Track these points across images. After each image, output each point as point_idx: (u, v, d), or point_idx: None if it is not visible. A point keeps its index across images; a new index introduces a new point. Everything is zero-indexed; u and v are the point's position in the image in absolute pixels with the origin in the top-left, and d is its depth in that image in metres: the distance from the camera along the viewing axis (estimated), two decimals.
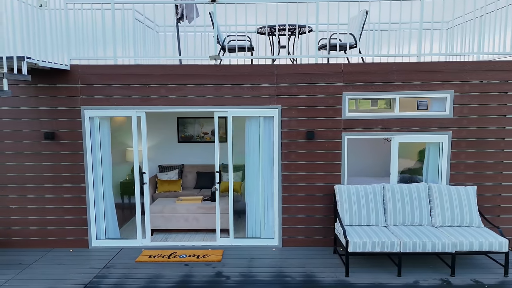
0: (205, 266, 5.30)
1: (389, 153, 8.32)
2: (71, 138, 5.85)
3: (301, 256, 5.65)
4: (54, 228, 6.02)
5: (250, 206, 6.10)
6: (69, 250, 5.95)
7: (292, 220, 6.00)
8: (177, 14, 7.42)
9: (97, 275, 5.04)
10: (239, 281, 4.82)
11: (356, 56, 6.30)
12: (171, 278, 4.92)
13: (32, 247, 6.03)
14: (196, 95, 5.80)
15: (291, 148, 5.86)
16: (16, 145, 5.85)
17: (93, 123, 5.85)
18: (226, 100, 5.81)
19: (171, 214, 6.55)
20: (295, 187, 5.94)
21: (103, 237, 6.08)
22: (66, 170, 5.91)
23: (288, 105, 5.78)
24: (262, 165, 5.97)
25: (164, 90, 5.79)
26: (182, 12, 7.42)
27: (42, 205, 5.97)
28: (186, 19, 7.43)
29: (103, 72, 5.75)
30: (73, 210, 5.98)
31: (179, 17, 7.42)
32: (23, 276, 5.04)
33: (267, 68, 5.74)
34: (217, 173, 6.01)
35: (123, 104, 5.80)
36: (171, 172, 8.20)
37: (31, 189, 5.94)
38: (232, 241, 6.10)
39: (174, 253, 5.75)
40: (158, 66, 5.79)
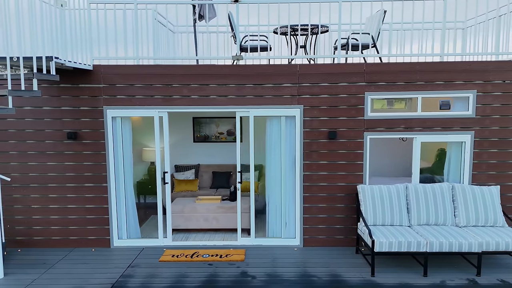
0: (229, 266, 5.30)
1: (404, 153, 8.36)
2: (93, 138, 5.87)
3: (323, 256, 5.65)
4: (76, 227, 6.04)
5: (271, 206, 6.10)
6: (91, 250, 5.96)
7: (313, 220, 6.00)
8: (195, 14, 7.44)
9: (123, 274, 5.05)
10: (265, 281, 4.82)
11: (373, 56, 6.27)
12: (196, 278, 4.93)
13: (53, 246, 6.05)
14: (218, 95, 5.81)
15: (312, 148, 5.86)
16: (39, 145, 5.87)
17: (115, 123, 5.87)
18: (248, 100, 5.81)
19: (191, 214, 6.56)
20: (317, 187, 5.94)
21: (125, 237, 6.10)
22: (88, 170, 5.92)
23: (310, 104, 5.78)
24: (283, 165, 5.97)
25: (186, 90, 5.80)
26: (200, 12, 7.46)
27: (64, 204, 5.99)
28: (203, 19, 7.47)
29: (126, 72, 5.77)
30: (95, 210, 6.00)
31: (196, 17, 7.44)
32: (49, 275, 5.05)
33: (289, 68, 5.74)
34: (238, 173, 6.01)
35: (146, 104, 5.82)
36: (187, 172, 8.22)
37: (53, 189, 5.96)
38: (253, 241, 6.10)
39: (196, 252, 5.76)
40: (180, 66, 5.80)
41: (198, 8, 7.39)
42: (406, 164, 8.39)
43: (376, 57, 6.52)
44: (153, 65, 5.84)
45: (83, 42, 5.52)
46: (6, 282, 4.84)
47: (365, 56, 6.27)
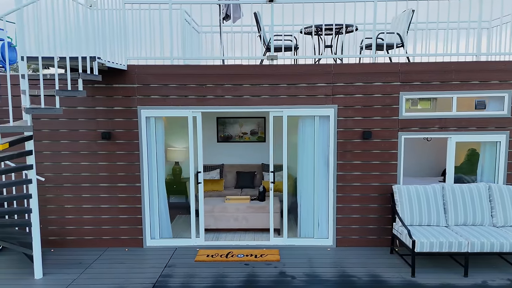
0: (266, 266, 5.30)
1: (429, 152, 8.34)
2: (127, 138, 5.88)
3: (358, 256, 5.63)
4: (109, 227, 6.04)
5: (303, 206, 6.09)
6: (124, 250, 5.97)
7: (346, 220, 5.99)
8: (222, 13, 7.44)
9: (162, 274, 5.05)
10: (305, 281, 4.82)
11: (401, 56, 6.23)
12: (236, 278, 4.92)
13: (86, 246, 6.06)
14: (251, 95, 5.81)
15: (346, 148, 5.85)
16: (72, 145, 5.88)
17: (149, 123, 5.88)
18: (281, 100, 5.80)
19: (221, 214, 6.56)
20: (350, 187, 5.93)
21: (157, 237, 6.10)
22: (122, 170, 5.93)
23: (344, 104, 5.77)
24: (316, 165, 5.96)
25: (220, 90, 5.80)
26: (227, 12, 7.47)
27: (97, 204, 6.00)
28: (229, 19, 7.47)
29: (160, 72, 5.77)
30: (128, 210, 6.01)
31: (223, 17, 7.45)
32: (88, 275, 5.06)
33: (323, 68, 5.73)
34: (271, 173, 6.01)
35: (179, 104, 5.82)
36: (213, 172, 8.22)
37: (86, 189, 5.97)
38: (286, 241, 6.09)
39: (230, 252, 5.76)
40: (214, 66, 5.81)
41: (225, 8, 7.40)
42: (431, 164, 8.38)
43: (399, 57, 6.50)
44: (187, 65, 5.84)
45: (117, 42, 5.53)
46: (46, 282, 4.85)
47: (390, 56, 6.22)
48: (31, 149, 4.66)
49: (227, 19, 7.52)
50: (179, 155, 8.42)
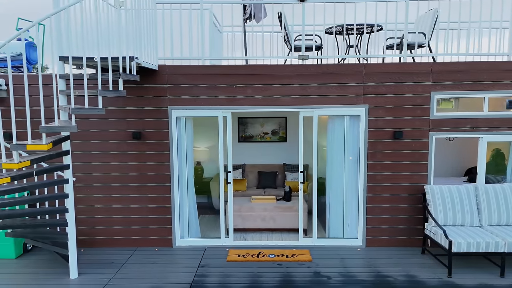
0: (299, 266, 5.29)
1: (452, 153, 8.32)
2: (157, 138, 5.88)
3: (390, 256, 5.62)
4: (138, 227, 6.05)
5: (332, 206, 6.08)
6: (154, 250, 5.97)
7: (376, 220, 5.98)
8: (245, 14, 7.44)
9: (196, 274, 5.05)
10: (342, 281, 4.81)
11: (426, 56, 6.20)
12: (271, 278, 4.92)
13: (115, 246, 6.07)
14: (281, 95, 5.80)
15: (377, 147, 5.84)
16: (103, 145, 5.89)
17: (180, 123, 5.88)
18: (312, 100, 5.80)
19: (248, 214, 6.56)
20: (380, 187, 5.91)
21: (186, 237, 6.10)
22: (152, 170, 5.94)
23: (375, 104, 5.76)
24: (346, 165, 5.94)
25: (250, 90, 5.80)
26: (251, 12, 7.46)
27: (126, 204, 6.01)
28: (254, 18, 7.47)
29: (190, 72, 5.77)
30: (157, 210, 6.01)
31: (247, 17, 7.45)
32: (123, 275, 5.07)
33: (354, 67, 5.72)
34: (300, 172, 6.00)
35: (210, 104, 5.82)
36: (235, 172, 8.22)
37: (116, 189, 5.98)
38: (315, 241, 6.08)
39: (261, 252, 5.76)
40: (245, 66, 5.80)
41: (249, 8, 7.40)
42: (453, 163, 8.36)
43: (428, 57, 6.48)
44: (218, 65, 5.84)
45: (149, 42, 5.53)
46: (82, 282, 4.86)
47: (414, 55, 6.18)
48: (68, 149, 4.67)
49: (250, 19, 7.52)
50: (201, 155, 8.44)
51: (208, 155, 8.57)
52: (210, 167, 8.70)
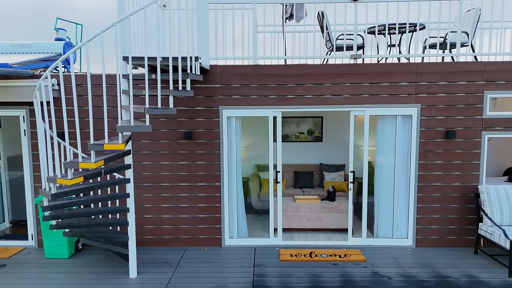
0: (355, 266, 5.28)
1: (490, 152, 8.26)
2: (208, 138, 5.89)
3: (443, 256, 5.60)
4: (187, 226, 6.07)
5: (381, 206, 6.06)
6: (203, 249, 5.99)
7: (426, 220, 5.95)
8: (286, 13, 7.44)
9: (255, 273, 5.05)
10: (403, 281, 4.79)
11: (469, 55, 6.17)
12: (332, 278, 4.91)
13: (164, 245, 6.09)
14: (333, 94, 5.79)
15: (428, 147, 5.81)
16: (154, 145, 5.91)
17: (230, 122, 5.89)
18: (363, 99, 5.78)
19: (294, 213, 6.56)
20: (431, 187, 5.89)
21: (235, 236, 6.11)
22: (202, 169, 5.95)
23: (427, 103, 5.74)
24: (396, 165, 5.92)
25: (301, 89, 5.79)
26: (291, 12, 7.46)
27: (176, 204, 6.03)
28: (293, 18, 7.46)
29: (241, 72, 5.78)
30: (207, 209, 6.02)
31: (287, 16, 7.44)
32: (181, 274, 5.08)
33: (406, 67, 5.70)
34: (351, 172, 5.98)
35: (260, 104, 5.82)
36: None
37: (166, 188, 5.99)
38: (365, 241, 6.07)
39: (312, 252, 5.75)
40: (296, 66, 5.80)
41: (290, 8, 7.39)
42: (492, 163, 8.30)
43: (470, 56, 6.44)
44: (269, 65, 5.84)
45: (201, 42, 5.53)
46: (143, 281, 4.88)
47: (453, 55, 6.12)
48: (130, 149, 4.69)
49: (290, 18, 7.52)
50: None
51: (243, 154, 8.57)
52: (245, 167, 8.70)
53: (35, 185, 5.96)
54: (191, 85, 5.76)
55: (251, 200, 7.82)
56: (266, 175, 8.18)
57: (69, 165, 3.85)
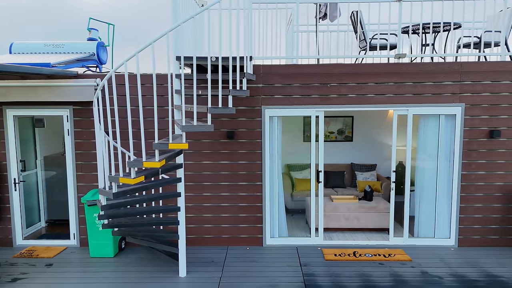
0: (402, 266, 5.27)
1: None
2: (250, 137, 5.90)
3: (489, 256, 5.58)
4: (228, 226, 6.08)
5: (422, 205, 6.05)
6: (245, 248, 5.99)
7: (468, 220, 5.93)
8: (320, 13, 7.44)
9: (304, 273, 5.05)
10: (456, 281, 4.78)
11: (505, 55, 6.13)
12: (382, 277, 4.91)
13: (205, 245, 6.10)
14: (376, 93, 5.79)
15: (472, 147, 5.79)
16: (196, 144, 5.92)
17: (272, 122, 5.89)
18: (406, 99, 5.77)
19: (332, 213, 6.56)
20: (474, 187, 5.87)
21: (276, 235, 6.12)
22: (243, 169, 5.96)
23: (472, 103, 5.72)
24: (439, 164, 5.91)
25: (344, 89, 5.79)
26: (325, 11, 7.45)
27: (217, 203, 6.04)
28: (326, 18, 7.46)
29: (284, 72, 5.78)
30: (248, 208, 6.03)
31: (321, 16, 7.44)
32: (230, 273, 5.08)
33: (451, 66, 5.68)
34: (393, 172, 5.97)
35: (303, 103, 5.82)
36: (304, 171, 8.22)
37: (207, 187, 6.01)
38: (406, 241, 6.05)
39: (355, 251, 5.75)
40: (339, 65, 5.79)
41: (324, 7, 7.39)
42: None
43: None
44: (312, 65, 5.84)
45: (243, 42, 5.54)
46: (194, 280, 4.89)
47: (485, 54, 6.08)
48: (180, 150, 4.70)
49: (324, 18, 7.52)
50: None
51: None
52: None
53: (78, 184, 5.99)
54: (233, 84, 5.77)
55: (284, 200, 7.81)
56: (297, 174, 8.18)
57: (134, 164, 3.86)
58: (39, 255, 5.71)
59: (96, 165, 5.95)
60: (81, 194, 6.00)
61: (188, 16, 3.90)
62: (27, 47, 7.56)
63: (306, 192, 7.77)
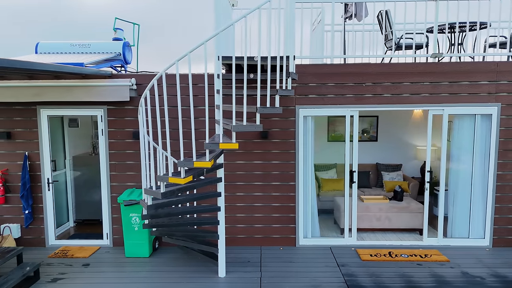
0: (441, 266, 5.24)
1: None
2: (284, 137, 5.88)
3: None
4: (261, 226, 6.06)
5: (456, 206, 6.02)
6: (278, 248, 5.97)
7: (503, 220, 5.90)
8: (347, 12, 7.41)
9: (343, 273, 5.03)
10: (497, 281, 4.75)
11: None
12: (424, 278, 4.88)
13: (238, 245, 6.08)
14: (411, 93, 5.76)
15: (508, 146, 5.76)
16: None
17: (306, 122, 5.88)
18: (442, 98, 5.74)
19: (363, 213, 6.53)
20: (509, 187, 5.83)
21: (309, 236, 6.09)
22: (277, 169, 5.94)
23: (508, 102, 5.68)
24: (474, 165, 5.87)
25: (380, 88, 5.76)
26: (353, 11, 7.43)
27: (250, 203, 6.02)
28: (355, 17, 7.43)
29: (319, 71, 5.76)
30: (281, 208, 6.01)
31: (349, 15, 7.42)
32: (270, 273, 5.06)
33: (487, 65, 5.65)
34: (428, 172, 5.94)
35: (337, 103, 5.80)
36: (330, 171, 8.20)
37: (240, 187, 5.99)
38: (441, 241, 6.02)
39: (390, 252, 5.72)
40: (375, 65, 5.77)
41: (353, 7, 7.36)
42: None
43: None
44: (347, 64, 5.82)
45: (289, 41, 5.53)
46: (234, 280, 4.87)
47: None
48: (222, 149, 4.68)
49: (351, 18, 7.49)
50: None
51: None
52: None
53: (111, 184, 5.99)
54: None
55: None
56: (323, 174, 8.16)
57: (183, 163, 3.85)
58: (74, 255, 5.71)
59: (129, 165, 5.95)
60: (114, 194, 6.00)
61: (240, 16, 3.88)
62: (53, 46, 7.55)
63: (333, 192, 7.74)
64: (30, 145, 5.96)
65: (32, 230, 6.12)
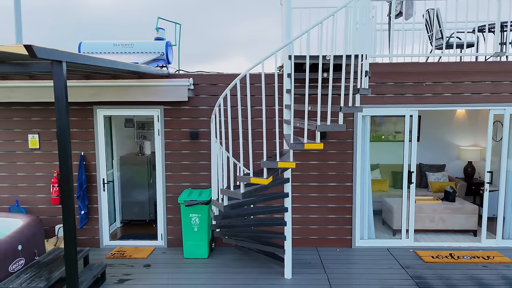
0: (507, 268, 5.15)
1: None
2: (341, 137, 5.83)
3: None
4: (317, 227, 6.00)
5: (508, 207, 5.92)
6: (335, 250, 5.92)
7: None
8: (396, 11, 7.33)
9: (410, 275, 4.96)
10: None
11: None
12: (495, 280, 4.80)
13: (294, 246, 6.01)
14: (472, 92, 5.67)
15: None
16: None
17: (364, 122, 5.81)
18: (504, 98, 5.65)
19: (416, 214, 6.44)
20: None
21: (365, 237, 6.03)
22: (333, 169, 5.88)
23: None
24: None
25: (440, 88, 5.68)
26: (401, 9, 7.34)
27: (306, 204, 5.97)
28: (400, 16, 7.35)
29: (378, 71, 5.69)
30: (337, 209, 5.95)
31: (397, 13, 7.34)
32: (335, 275, 5.00)
33: None
34: (488, 173, 5.85)
35: (397, 102, 5.73)
36: (374, 172, 8.12)
37: (296, 188, 5.94)
38: (499, 242, 5.93)
39: (451, 254, 5.64)
40: (435, 64, 5.69)
41: (400, 6, 7.28)
42: None
43: None
44: (407, 63, 5.74)
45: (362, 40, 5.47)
46: (301, 282, 4.82)
47: None
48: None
49: (398, 17, 7.41)
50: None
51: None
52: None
53: (167, 184, 5.96)
54: (323, 84, 5.70)
55: None
56: None
57: (267, 164, 3.81)
58: (131, 256, 5.69)
59: (185, 165, 5.92)
60: (169, 195, 5.97)
61: (328, 14, 3.82)
62: (97, 46, 7.53)
63: (378, 193, 7.67)
64: (86, 145, 5.95)
65: (86, 231, 6.12)
